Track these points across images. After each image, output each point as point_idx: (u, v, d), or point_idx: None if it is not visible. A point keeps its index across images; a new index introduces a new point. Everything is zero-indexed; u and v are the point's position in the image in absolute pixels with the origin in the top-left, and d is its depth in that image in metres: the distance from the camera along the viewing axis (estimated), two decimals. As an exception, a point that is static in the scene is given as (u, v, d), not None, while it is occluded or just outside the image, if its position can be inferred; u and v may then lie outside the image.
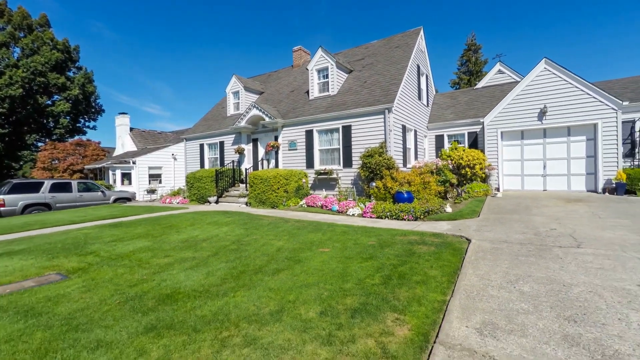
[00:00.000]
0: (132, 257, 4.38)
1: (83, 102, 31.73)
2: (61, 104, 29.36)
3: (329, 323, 2.32)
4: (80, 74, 31.49)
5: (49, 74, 28.01)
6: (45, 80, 27.92)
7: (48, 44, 28.40)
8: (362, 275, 3.32)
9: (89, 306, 2.78)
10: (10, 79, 25.75)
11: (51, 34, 29.26)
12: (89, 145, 27.97)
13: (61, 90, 29.69)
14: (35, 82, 27.39)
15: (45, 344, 2.17)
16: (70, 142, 27.67)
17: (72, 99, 30.18)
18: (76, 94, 29.94)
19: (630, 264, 3.29)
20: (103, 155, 27.39)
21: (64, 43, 30.28)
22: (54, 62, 28.30)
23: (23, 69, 26.37)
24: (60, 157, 26.61)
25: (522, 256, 3.75)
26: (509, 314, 2.37)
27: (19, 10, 28.41)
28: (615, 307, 2.39)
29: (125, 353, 2.02)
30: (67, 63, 30.82)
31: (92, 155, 26.83)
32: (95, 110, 34.70)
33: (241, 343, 2.10)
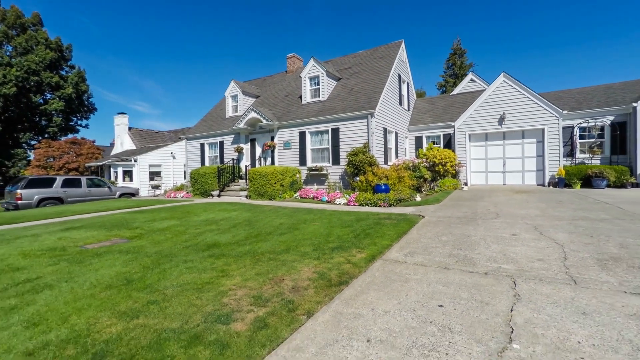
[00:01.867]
0: (170, 230, 5.90)
1: (76, 101, 32.44)
2: (55, 102, 30.06)
3: (318, 253, 3.95)
4: (73, 72, 32.20)
5: (42, 72, 28.72)
6: (39, 79, 28.62)
7: (42, 43, 29.10)
8: (341, 234, 4.96)
9: (164, 250, 4.34)
10: (4, 78, 26.40)
11: (45, 33, 29.94)
12: (84, 143, 28.83)
13: (55, 89, 30.39)
14: (29, 80, 28.09)
15: (152, 262, 3.73)
16: (65, 141, 28.47)
17: (66, 98, 30.88)
18: (70, 93, 30.68)
19: (517, 226, 5.04)
20: (98, 153, 28.30)
21: (57, 42, 30.96)
22: (48, 61, 29.02)
23: (17, 68, 27.05)
24: (55, 155, 27.42)
25: (453, 224, 5.46)
26: (426, 248, 4.04)
27: (13, 10, 29.01)
28: (488, 244, 4.10)
29: (202, 264, 3.60)
30: (60, 62, 31.50)
31: (88, 153, 27.70)
32: (88, 109, 35.38)
33: (267, 260, 3.71)
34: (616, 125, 10.74)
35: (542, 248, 3.80)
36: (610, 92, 12.16)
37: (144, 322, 2.30)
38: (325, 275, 3.16)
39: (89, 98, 34.84)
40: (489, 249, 3.88)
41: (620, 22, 57.86)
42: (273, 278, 3.12)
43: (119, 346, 1.99)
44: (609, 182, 9.85)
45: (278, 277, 3.15)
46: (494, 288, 2.70)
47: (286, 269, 3.37)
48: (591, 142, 11.15)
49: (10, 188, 13.00)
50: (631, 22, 54.18)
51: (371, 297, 2.63)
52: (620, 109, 10.60)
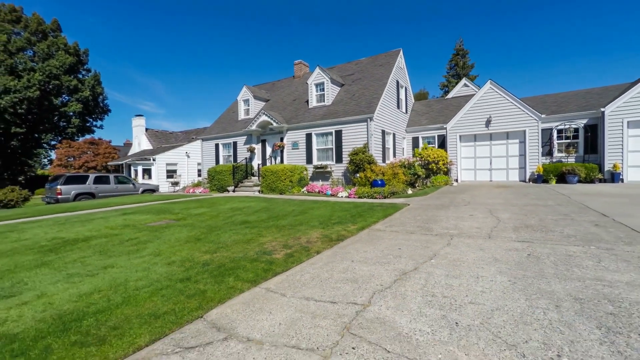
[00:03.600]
0: (205, 215, 7.53)
1: (92, 103, 34.47)
2: (73, 104, 32.08)
3: (323, 225, 5.54)
4: (90, 76, 34.23)
5: (62, 76, 30.74)
6: (59, 82, 30.65)
7: (62, 49, 31.12)
8: (340, 215, 6.54)
9: (210, 224, 5.97)
10: (28, 82, 28.44)
11: (64, 39, 31.97)
12: (101, 144, 30.87)
13: (73, 92, 32.41)
14: (50, 84, 30.15)
15: (207, 230, 5.36)
16: (84, 141, 30.52)
17: (83, 100, 32.89)
18: (87, 95, 32.68)
19: (478, 210, 6.56)
20: (115, 153, 30.27)
21: (75, 47, 32.99)
22: (68, 65, 31.04)
23: (40, 73, 29.09)
24: (75, 155, 29.48)
25: (430, 209, 7.00)
26: (402, 223, 5.60)
27: (34, 17, 31.07)
28: (448, 220, 5.64)
29: (242, 231, 5.22)
30: (77, 66, 33.52)
31: (104, 153, 29.69)
32: (102, 110, 37.42)
33: (287, 229, 5.31)
34: (588, 128, 12.12)
35: (484, 222, 5.34)
36: (589, 97, 13.52)
37: (220, 254, 3.91)
38: (328, 236, 4.75)
39: (103, 100, 36.88)
40: (448, 223, 5.42)
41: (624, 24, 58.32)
42: (293, 237, 4.72)
43: (212, 263, 3.60)
44: (580, 178, 11.26)
45: (296, 237, 4.75)
46: (436, 240, 4.26)
47: (301, 233, 4.97)
48: (567, 142, 12.54)
49: (51, 185, 14.82)
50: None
51: (357, 246, 4.22)
52: (592, 113, 11.97)
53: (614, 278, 2.72)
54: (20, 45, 28.80)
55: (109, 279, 3.16)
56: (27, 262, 3.86)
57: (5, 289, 3.01)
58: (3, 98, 26.42)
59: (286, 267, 3.40)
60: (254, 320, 2.25)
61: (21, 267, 3.70)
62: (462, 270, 3.08)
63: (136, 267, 3.54)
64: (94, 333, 2.11)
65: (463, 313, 2.21)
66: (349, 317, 2.22)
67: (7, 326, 2.25)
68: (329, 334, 2.01)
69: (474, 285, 2.70)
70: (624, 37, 62.27)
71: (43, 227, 6.44)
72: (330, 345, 1.89)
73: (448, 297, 2.47)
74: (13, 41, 28.30)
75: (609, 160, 11.19)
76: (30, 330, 2.17)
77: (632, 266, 2.97)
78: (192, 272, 3.28)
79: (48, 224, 6.73)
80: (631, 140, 10.96)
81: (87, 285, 3.02)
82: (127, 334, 2.09)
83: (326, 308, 2.38)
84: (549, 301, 2.34)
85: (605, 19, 62.03)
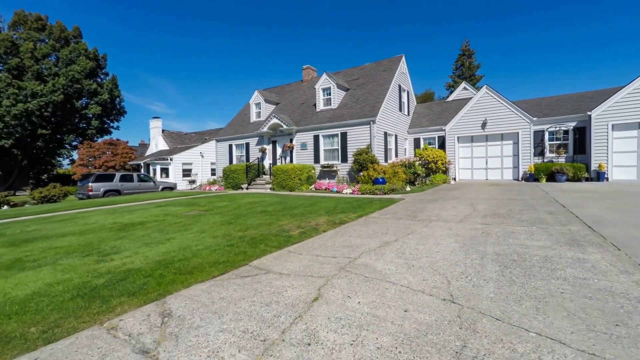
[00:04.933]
0: (227, 207, 8.84)
1: (109, 105, 36.44)
2: (93, 107, 34.04)
3: (328, 214, 6.78)
4: (108, 80, 36.18)
5: (83, 80, 32.70)
6: (81, 86, 32.60)
7: (83, 54, 33.08)
8: (343, 207, 7.77)
9: (235, 213, 7.27)
10: (53, 86, 30.42)
11: (85, 45, 33.94)
12: (119, 144, 32.65)
13: (93, 95, 34.37)
14: (72, 88, 32.11)
15: (234, 217, 6.66)
16: (103, 142, 32.37)
17: (102, 103, 34.85)
18: (105, 98, 34.61)
19: (462, 203, 7.69)
20: (132, 153, 32.02)
21: (94, 52, 34.96)
22: (88, 70, 32.98)
23: (63, 77, 31.06)
24: (95, 155, 31.32)
25: (421, 203, 8.16)
26: (394, 213, 6.79)
27: (58, 24, 33.11)
28: (433, 210, 6.81)
29: (263, 217, 6.50)
30: (97, 70, 35.49)
31: (122, 153, 31.46)
32: (119, 112, 39.38)
33: (299, 216, 6.57)
34: (577, 130, 13.03)
35: (462, 211, 6.49)
36: (582, 100, 14.40)
37: (250, 232, 5.19)
38: (332, 221, 5.98)
39: (120, 102, 38.81)
40: (432, 212, 6.60)
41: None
42: (304, 221, 5.97)
43: (246, 237, 4.87)
44: (568, 177, 12.21)
45: (307, 221, 6.00)
46: (417, 224, 5.45)
47: (311, 219, 6.22)
48: (558, 144, 13.46)
49: (82, 182, 16.44)
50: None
51: (354, 227, 5.44)
52: (580, 116, 12.88)
53: (532, 244, 3.88)
54: (45, 51, 30.81)
55: (176, 245, 4.46)
56: (108, 237, 5.21)
57: (110, 250, 4.34)
58: (31, 102, 28.41)
59: (301, 239, 4.65)
60: (282, 265, 3.50)
61: (106, 239, 5.04)
62: (429, 240, 4.28)
63: (190, 239, 4.84)
64: (184, 269, 3.40)
65: (419, 261, 3.42)
66: (344, 263, 3.45)
67: (128, 266, 3.56)
68: (331, 270, 3.25)
69: (433, 248, 3.90)
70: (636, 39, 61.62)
71: (98, 215, 7.85)
72: (331, 275, 3.12)
73: (412, 254, 3.68)
74: (39, 48, 30.30)
75: (595, 161, 12.11)
76: (145, 267, 3.47)
77: (552, 238, 4.13)
78: (233, 242, 4.56)
79: (101, 213, 8.14)
80: (616, 141, 11.86)
81: (163, 248, 4.33)
82: (204, 270, 3.37)
83: (329, 260, 3.62)
84: (478, 255, 3.53)
85: (618, 20, 61.51)
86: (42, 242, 4.97)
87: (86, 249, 4.43)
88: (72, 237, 5.28)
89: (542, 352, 1.74)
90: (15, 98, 27.60)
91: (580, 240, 3.96)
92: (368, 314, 2.26)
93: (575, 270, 2.96)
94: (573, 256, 3.35)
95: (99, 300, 2.68)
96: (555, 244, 3.85)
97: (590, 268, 2.99)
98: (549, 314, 2.16)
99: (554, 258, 3.32)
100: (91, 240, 4.99)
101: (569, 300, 2.36)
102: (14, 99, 27.48)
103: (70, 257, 4.06)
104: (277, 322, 2.19)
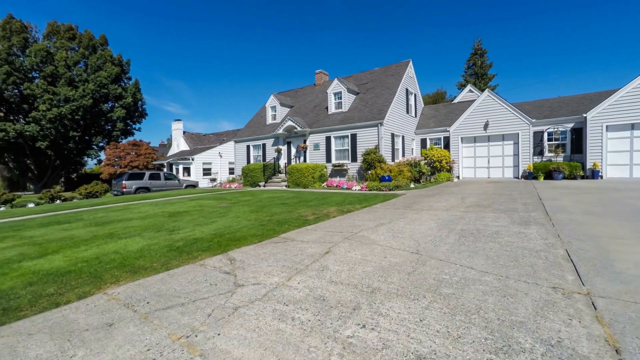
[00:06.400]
0: (251, 200, 10.30)
1: (132, 108, 38.89)
2: (118, 110, 36.47)
3: (338, 205, 8.12)
4: (131, 84, 38.61)
5: (110, 85, 35.17)
6: (107, 91, 35.08)
7: (109, 61, 35.56)
8: (351, 200, 9.09)
9: (259, 204, 8.71)
10: (83, 92, 32.95)
11: (110, 51, 36.41)
12: (142, 145, 34.92)
13: (118, 98, 36.83)
14: (100, 92, 34.62)
15: (259, 207, 8.10)
16: (128, 143, 34.71)
17: (126, 106, 37.28)
18: (129, 102, 37.01)
19: (454, 197, 8.87)
20: (154, 153, 34.22)
21: (119, 58, 37.42)
22: (114, 75, 35.43)
23: (92, 83, 33.56)
24: (121, 155, 33.66)
25: (419, 197, 9.37)
26: (394, 204, 8.06)
27: (86, 33, 35.70)
28: (427, 203, 8.04)
29: (283, 207, 7.90)
30: (121, 75, 37.97)
31: (145, 154, 33.70)
32: (141, 114, 41.82)
33: (313, 206, 7.94)
34: (573, 131, 13.85)
35: (452, 203, 7.69)
36: (583, 101, 15.15)
37: (275, 217, 6.59)
38: (341, 210, 7.32)
39: (142, 105, 41.21)
40: (425, 204, 7.83)
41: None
42: (318, 210, 7.33)
43: (272, 220, 6.27)
44: (565, 175, 13.08)
45: (320, 210, 7.36)
46: (410, 212, 6.72)
47: (323, 208, 7.57)
48: (556, 144, 14.30)
49: (117, 180, 18.35)
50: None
51: (359, 214, 6.75)
52: (577, 118, 13.69)
53: (493, 224, 5.10)
54: (76, 59, 33.36)
55: (220, 225, 5.91)
56: (165, 221, 6.73)
57: (173, 228, 5.83)
58: (64, 106, 30.94)
59: (315, 222, 6.01)
60: (302, 236, 4.86)
61: (165, 222, 6.55)
62: (415, 222, 5.55)
63: (229, 221, 6.28)
64: (233, 238, 4.82)
65: (402, 234, 4.72)
66: (347, 235, 4.78)
67: (193, 236, 5.02)
68: (337, 239, 4.59)
69: (416, 227, 5.18)
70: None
71: (145, 207, 9.46)
72: (338, 241, 4.46)
73: (399, 230, 4.98)
74: (70, 56, 32.86)
75: (591, 160, 12.93)
76: (205, 237, 4.92)
77: (511, 220, 5.33)
78: (263, 223, 5.97)
79: (146, 205, 9.76)
80: (610, 142, 12.65)
81: (212, 227, 5.79)
82: (247, 239, 4.77)
83: (337, 233, 4.96)
84: (447, 230, 4.79)
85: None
86: (118, 224, 6.54)
87: (155, 227, 5.94)
88: (138, 221, 6.83)
89: (459, 271, 3.04)
90: (50, 103, 30.18)
91: (531, 221, 5.16)
92: (360, 258, 3.60)
93: (510, 238, 4.20)
94: (517, 231, 4.58)
95: (184, 253, 4.12)
96: (511, 224, 5.06)
97: (522, 237, 4.22)
98: (475, 258, 3.44)
99: (502, 232, 4.55)
100: (154, 223, 6.52)
101: (493, 251, 3.63)
102: (49, 104, 30.06)
103: (147, 232, 5.57)
104: (302, 262, 3.56)
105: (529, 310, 2.21)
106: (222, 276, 3.19)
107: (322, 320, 2.20)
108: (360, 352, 1.81)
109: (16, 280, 3.26)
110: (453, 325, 2.05)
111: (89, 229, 6.16)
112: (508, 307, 2.27)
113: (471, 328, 2.01)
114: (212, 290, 2.82)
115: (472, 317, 2.15)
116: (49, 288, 3.00)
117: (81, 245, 4.70)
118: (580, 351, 1.73)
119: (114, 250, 4.32)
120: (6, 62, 28.98)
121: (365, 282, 2.88)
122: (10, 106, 32.17)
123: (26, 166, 35.03)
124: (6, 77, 28.76)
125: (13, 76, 29.35)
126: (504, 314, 2.16)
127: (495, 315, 2.15)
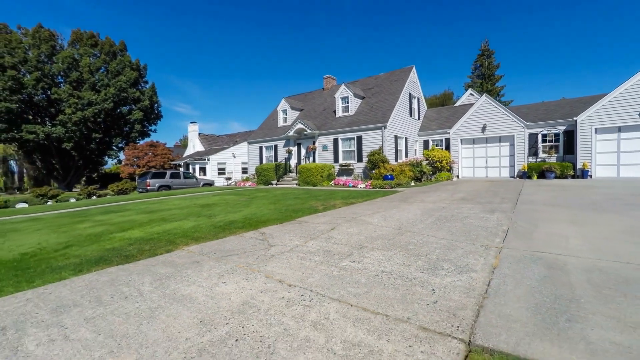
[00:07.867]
0: (266, 195, 11.73)
1: (149, 110, 41.03)
2: (136, 113, 38.63)
3: (343, 199, 9.48)
4: (148, 87, 40.76)
5: (129, 89, 37.34)
6: (126, 94, 37.26)
7: (127, 66, 37.74)
8: (355, 195, 10.43)
9: (275, 199, 10.14)
10: (105, 96, 35.15)
11: (129, 57, 38.59)
12: (159, 146, 36.87)
13: (136, 101, 39.00)
14: (120, 96, 36.81)
15: (275, 200, 9.53)
16: (145, 144, 36.72)
17: (143, 109, 39.42)
18: (146, 105, 39.14)
19: (447, 193, 10.12)
20: (170, 154, 36.15)
21: (137, 63, 39.60)
22: (132, 80, 37.58)
23: (113, 87, 35.75)
24: (139, 156, 35.67)
25: (416, 193, 10.65)
26: (391, 199, 9.37)
27: (107, 40, 37.95)
28: (420, 198, 9.33)
29: (296, 200, 9.31)
30: (139, 79, 40.15)
31: (162, 154, 35.62)
32: (156, 116, 43.99)
33: (322, 200, 9.32)
34: (565, 133, 14.84)
35: (442, 197, 8.95)
36: (577, 105, 16.10)
37: (290, 207, 8.00)
38: (346, 202, 8.67)
39: (158, 107, 43.37)
40: (419, 198, 9.11)
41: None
42: (326, 202, 8.70)
43: (289, 210, 7.68)
44: (556, 174, 14.11)
45: (328, 202, 8.73)
46: (404, 204, 8.03)
47: (330, 202, 8.94)
48: (549, 145, 15.31)
49: (141, 179, 20.11)
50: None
51: (361, 206, 8.10)
52: (569, 121, 14.68)
53: (466, 212, 6.38)
54: (98, 65, 35.60)
55: (247, 212, 7.35)
56: (200, 210, 8.21)
57: (210, 215, 7.30)
58: (87, 110, 33.14)
59: (324, 211, 7.39)
60: (314, 220, 6.24)
61: (200, 211, 8.03)
62: (404, 211, 6.87)
63: (254, 210, 7.71)
64: (260, 221, 6.24)
65: (392, 218, 6.05)
66: (349, 219, 6.14)
67: (228, 220, 6.46)
68: (341, 221, 5.96)
69: (405, 214, 6.50)
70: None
71: (176, 200, 11.00)
72: (341, 223, 5.83)
73: (390, 216, 6.31)
74: (93, 62, 35.10)
75: (581, 160, 13.93)
76: (238, 220, 6.36)
77: (482, 209, 6.59)
78: (281, 211, 7.38)
79: (177, 199, 11.31)
80: (599, 143, 13.63)
81: (241, 214, 7.23)
82: (271, 221, 6.18)
83: (341, 218, 6.32)
84: (428, 216, 6.10)
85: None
86: (163, 212, 8.06)
87: (194, 214, 7.43)
88: (177, 210, 8.34)
89: (424, 238, 4.37)
90: (75, 107, 32.41)
91: (497, 210, 6.43)
92: (356, 232, 4.96)
93: (474, 220, 5.49)
94: (482, 216, 5.86)
95: (226, 229, 5.56)
96: (481, 212, 6.34)
97: (483, 220, 5.51)
98: (440, 231, 4.76)
99: (470, 216, 5.85)
100: (191, 212, 8.01)
101: (455, 228, 4.94)
102: (74, 107, 32.29)
103: (191, 217, 7.05)
104: (314, 234, 4.94)
105: (458, 254, 3.55)
106: (258, 242, 4.61)
107: (327, 259, 3.58)
108: (349, 270, 3.18)
109: (120, 242, 4.76)
110: (408, 261, 3.41)
111: (142, 215, 7.69)
112: (446, 253, 3.61)
113: (417, 262, 3.36)
114: (254, 248, 4.23)
115: (421, 257, 3.50)
116: (145, 246, 4.47)
117: (146, 226, 6.20)
118: (474, 268, 3.07)
119: (173, 228, 5.80)
120: (36, 68, 31.28)
121: (358, 244, 4.25)
122: (38, 109, 34.54)
123: (52, 166, 37.43)
124: (36, 83, 31.06)
125: (42, 82, 31.63)
126: (441, 256, 3.51)
127: (435, 257, 3.50)
